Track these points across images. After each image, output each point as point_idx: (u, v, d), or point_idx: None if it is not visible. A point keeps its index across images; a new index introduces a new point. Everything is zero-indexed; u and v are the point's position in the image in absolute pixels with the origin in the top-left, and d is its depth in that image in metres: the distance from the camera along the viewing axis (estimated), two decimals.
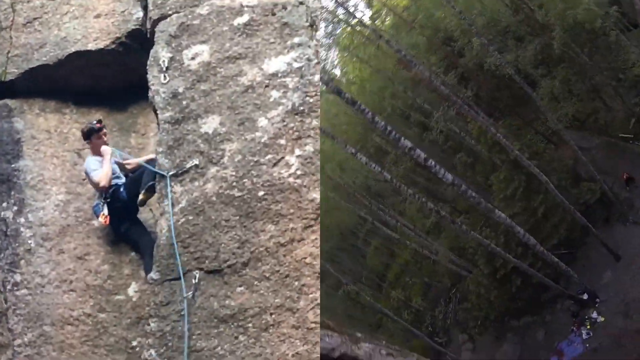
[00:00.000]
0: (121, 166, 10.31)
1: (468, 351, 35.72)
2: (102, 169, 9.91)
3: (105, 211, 9.79)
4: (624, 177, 32.00)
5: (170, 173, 9.29)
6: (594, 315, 28.59)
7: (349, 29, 37.31)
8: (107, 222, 9.81)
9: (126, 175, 10.27)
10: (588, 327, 28.53)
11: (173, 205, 9.16)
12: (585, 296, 29.32)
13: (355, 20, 36.65)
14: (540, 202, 30.41)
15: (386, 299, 40.74)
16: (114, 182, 9.99)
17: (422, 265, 40.66)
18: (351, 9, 36.46)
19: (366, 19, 39.29)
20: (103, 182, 9.82)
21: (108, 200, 9.86)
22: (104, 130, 10.31)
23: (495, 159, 32.88)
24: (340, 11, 34.98)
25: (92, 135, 10.20)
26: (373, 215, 37.89)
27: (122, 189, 9.95)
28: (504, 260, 28.24)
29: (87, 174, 10.06)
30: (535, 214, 30.55)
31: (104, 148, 10.06)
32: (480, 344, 35.22)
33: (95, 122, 10.31)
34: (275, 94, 9.24)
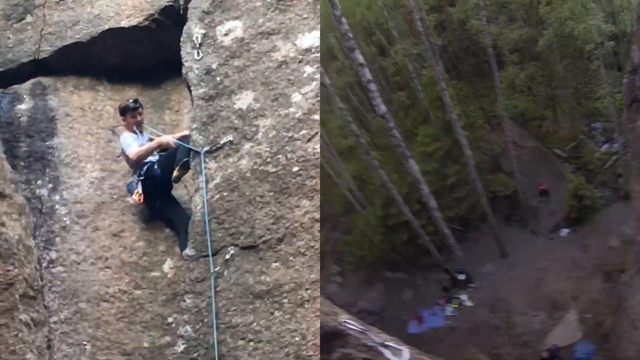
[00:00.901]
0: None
1: (336, 284, 35.76)
2: (141, 146, 9.96)
3: (140, 189, 9.81)
4: (541, 188, 32.98)
5: (204, 149, 9.26)
6: (464, 297, 29.50)
7: None
8: (141, 201, 9.83)
9: (160, 153, 10.26)
10: (454, 306, 29.43)
11: (207, 181, 9.14)
12: (462, 277, 29.95)
13: None
14: (454, 173, 30.76)
15: None
16: (148, 159, 9.99)
17: (322, 182, 39.84)
18: None
19: None
20: (136, 157, 9.87)
21: (142, 178, 9.87)
22: (140, 110, 10.32)
23: (432, 113, 32.88)
24: None
25: (126, 113, 10.23)
26: None
27: (156, 166, 9.95)
28: (399, 210, 28.34)
29: (122, 149, 10.08)
30: (445, 180, 30.87)
31: (164, 138, 10.09)
32: (349, 281, 35.60)
33: (131, 100, 10.34)
34: (308, 69, 9.15)
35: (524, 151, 34.17)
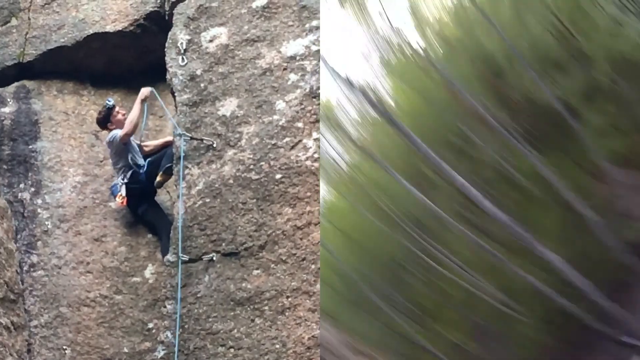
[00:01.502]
0: (140, 148, 10.30)
1: None
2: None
3: (123, 192, 9.79)
4: None
5: (188, 136, 9.25)
6: None
7: (403, 58, 36.32)
8: (124, 204, 9.83)
9: (145, 157, 10.24)
10: None
11: (190, 187, 9.14)
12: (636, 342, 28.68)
13: (410, 50, 35.65)
14: (586, 240, 29.81)
15: (427, 332, 37.82)
16: (132, 162, 9.97)
17: (472, 303, 38.59)
18: (406, 39, 35.43)
19: (419, 49, 37.97)
20: (131, 126, 9.82)
21: (126, 182, 9.85)
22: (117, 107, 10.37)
23: (546, 198, 32.13)
24: (394, 39, 34.03)
25: (111, 115, 10.19)
26: (418, 247, 36.04)
27: (141, 171, 9.93)
28: (557, 305, 27.57)
29: (111, 141, 10.01)
30: (583, 252, 29.91)
31: (143, 89, 9.99)
32: None
33: (107, 101, 10.32)
34: (293, 77, 9.17)
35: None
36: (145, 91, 9.89)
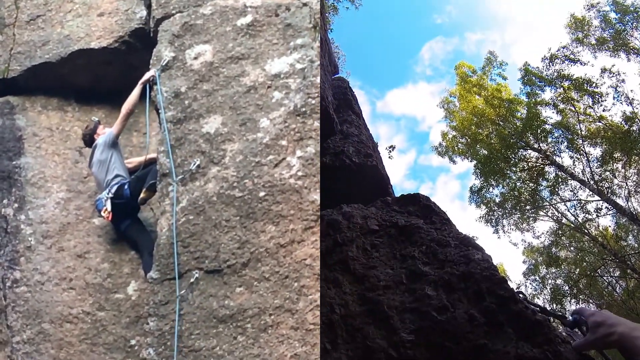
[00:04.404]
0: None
1: None
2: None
3: (109, 206, 9.80)
4: None
5: (179, 178, 9.27)
6: None
7: None
8: (110, 219, 9.83)
9: (130, 174, 10.27)
10: None
11: (173, 204, 9.15)
12: None
13: None
14: None
15: None
16: (117, 180, 9.99)
17: None
18: None
19: None
20: (126, 110, 9.98)
21: (111, 196, 9.86)
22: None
23: None
24: None
25: (97, 129, 10.29)
26: None
27: (126, 187, 9.95)
28: None
29: (105, 140, 10.09)
30: None
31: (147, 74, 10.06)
32: None
33: (93, 119, 10.43)
34: (277, 95, 9.21)
35: None
36: (148, 74, 9.92)
